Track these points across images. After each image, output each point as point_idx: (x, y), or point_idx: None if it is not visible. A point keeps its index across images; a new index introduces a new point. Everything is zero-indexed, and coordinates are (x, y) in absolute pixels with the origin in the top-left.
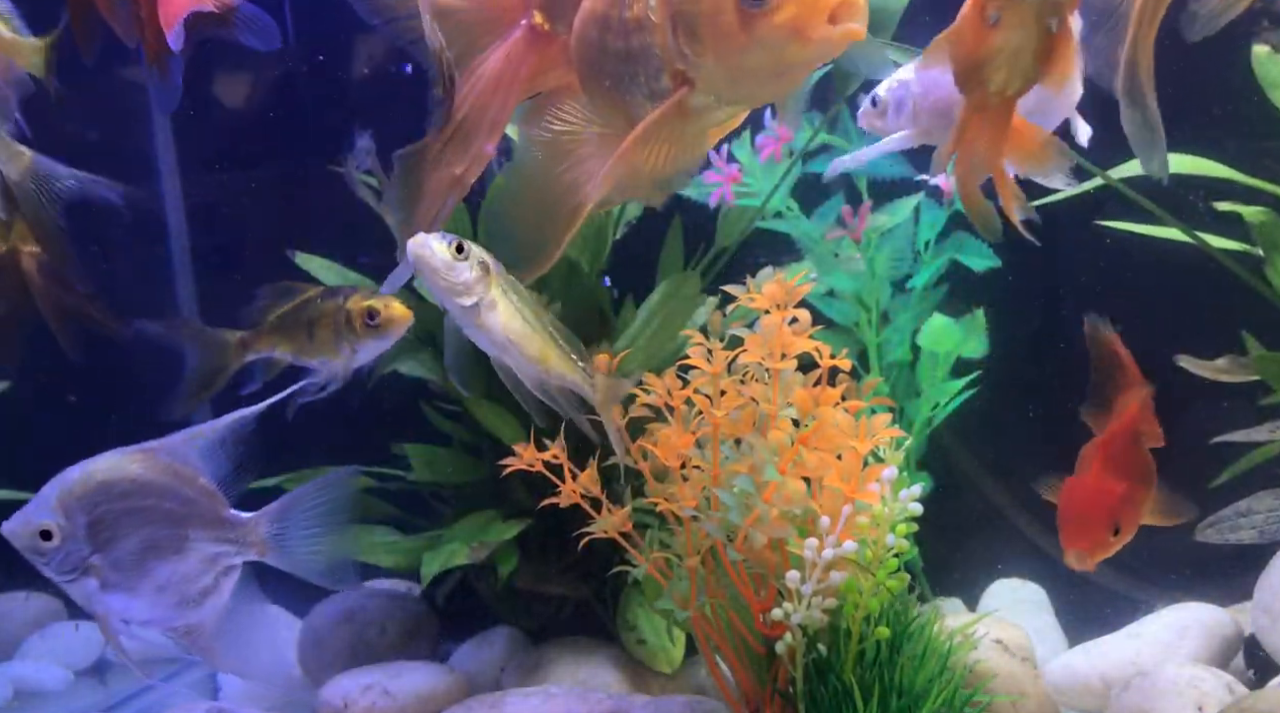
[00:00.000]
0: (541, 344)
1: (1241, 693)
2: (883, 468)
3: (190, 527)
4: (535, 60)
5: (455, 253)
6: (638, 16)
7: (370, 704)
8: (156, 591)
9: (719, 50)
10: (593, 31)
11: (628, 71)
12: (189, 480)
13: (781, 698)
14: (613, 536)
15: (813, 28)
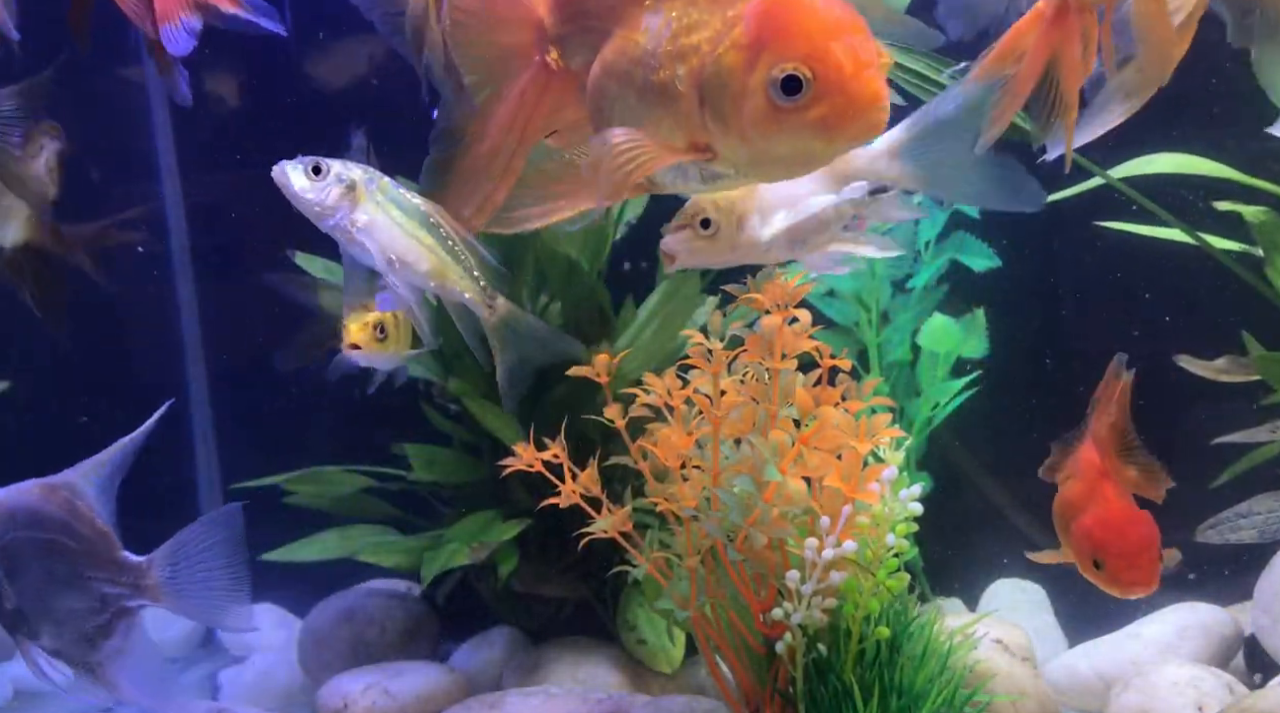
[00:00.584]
0: (435, 260)
1: (1241, 693)
2: (883, 468)
3: (86, 565)
4: (550, 100)
5: (312, 174)
6: (663, 81)
7: (370, 704)
8: (55, 623)
9: (745, 134)
10: (612, 85)
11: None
12: (85, 519)
13: (781, 698)
14: (613, 535)
15: (843, 127)
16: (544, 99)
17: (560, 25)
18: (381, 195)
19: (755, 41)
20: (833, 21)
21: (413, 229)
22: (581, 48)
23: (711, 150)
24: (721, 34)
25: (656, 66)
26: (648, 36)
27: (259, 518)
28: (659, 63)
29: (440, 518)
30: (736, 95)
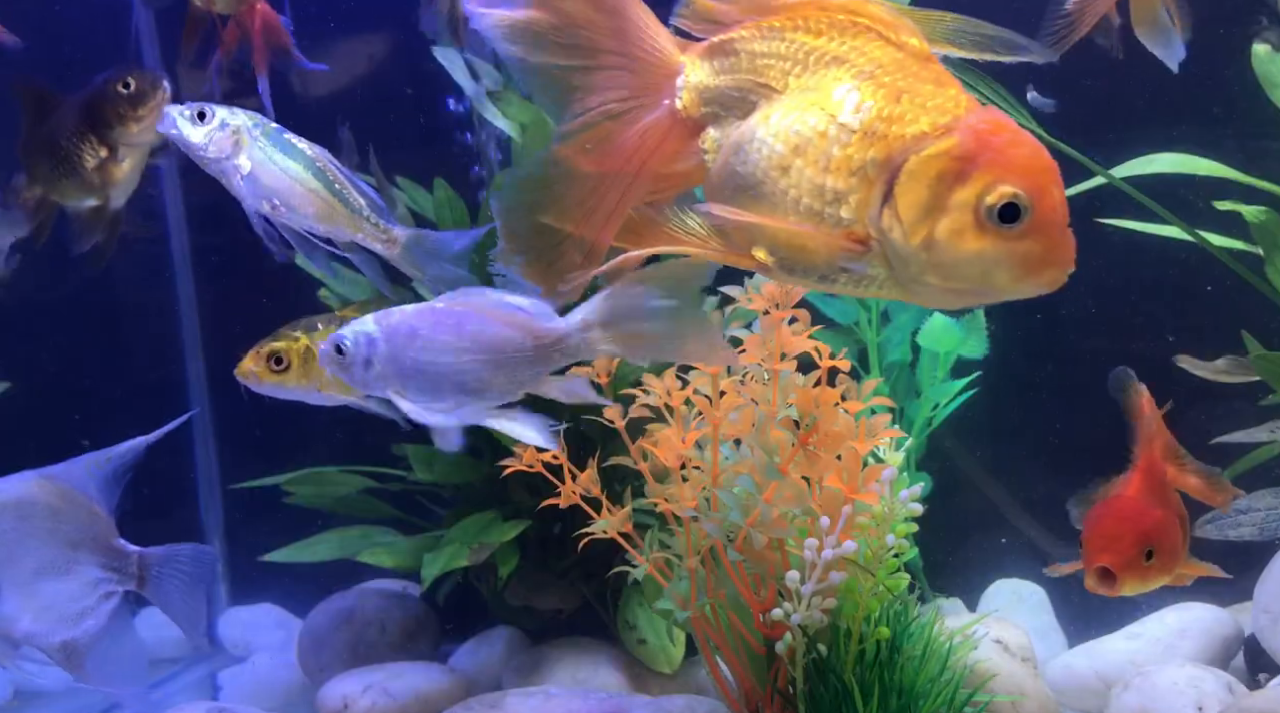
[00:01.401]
0: (321, 204)
1: (1241, 693)
2: (883, 468)
3: (81, 550)
4: (672, 147)
5: (196, 119)
6: (848, 161)
7: (370, 704)
8: (42, 607)
9: (930, 245)
10: (779, 149)
11: (792, 199)
12: (84, 506)
13: (781, 698)
14: (613, 536)
15: (1041, 270)
16: (666, 144)
17: (712, 75)
18: (265, 141)
19: (972, 157)
20: (1050, 162)
21: (298, 173)
22: (729, 102)
23: (868, 246)
24: (930, 137)
25: (845, 143)
26: (840, 109)
27: (259, 518)
28: (848, 141)
29: (440, 518)
30: (934, 204)
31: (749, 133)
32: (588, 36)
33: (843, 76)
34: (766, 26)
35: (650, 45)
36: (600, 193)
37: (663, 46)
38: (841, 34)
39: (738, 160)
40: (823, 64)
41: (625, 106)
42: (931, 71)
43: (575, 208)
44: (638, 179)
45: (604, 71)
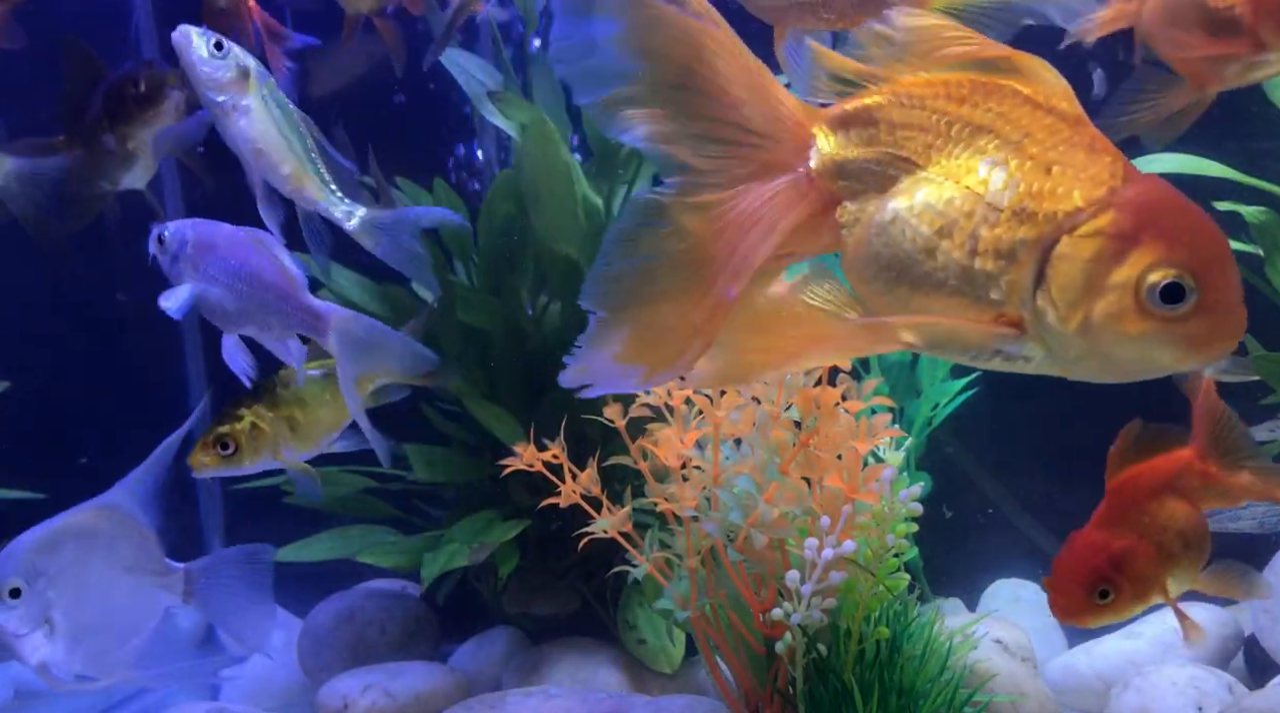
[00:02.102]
0: (297, 165)
1: (1241, 693)
2: (883, 468)
3: (135, 572)
4: (798, 217)
5: (214, 49)
6: (997, 242)
7: (370, 704)
8: (96, 636)
9: (1087, 329)
10: (922, 228)
11: (939, 280)
12: (136, 529)
13: (781, 698)
14: (613, 536)
15: (1208, 349)
16: (795, 216)
17: (847, 147)
18: (267, 90)
19: (1130, 234)
20: (1216, 233)
21: (286, 130)
22: (866, 176)
23: (1020, 326)
24: (1084, 213)
25: (992, 223)
26: (986, 186)
27: (259, 518)
28: (996, 221)
29: (440, 519)
30: (1091, 286)
31: (890, 212)
32: (710, 105)
33: (988, 148)
34: (904, 93)
35: (779, 113)
36: (719, 262)
37: (791, 114)
38: (985, 98)
39: (880, 241)
40: (966, 134)
41: (750, 175)
42: (1084, 136)
43: (691, 277)
44: (760, 249)
45: (726, 143)
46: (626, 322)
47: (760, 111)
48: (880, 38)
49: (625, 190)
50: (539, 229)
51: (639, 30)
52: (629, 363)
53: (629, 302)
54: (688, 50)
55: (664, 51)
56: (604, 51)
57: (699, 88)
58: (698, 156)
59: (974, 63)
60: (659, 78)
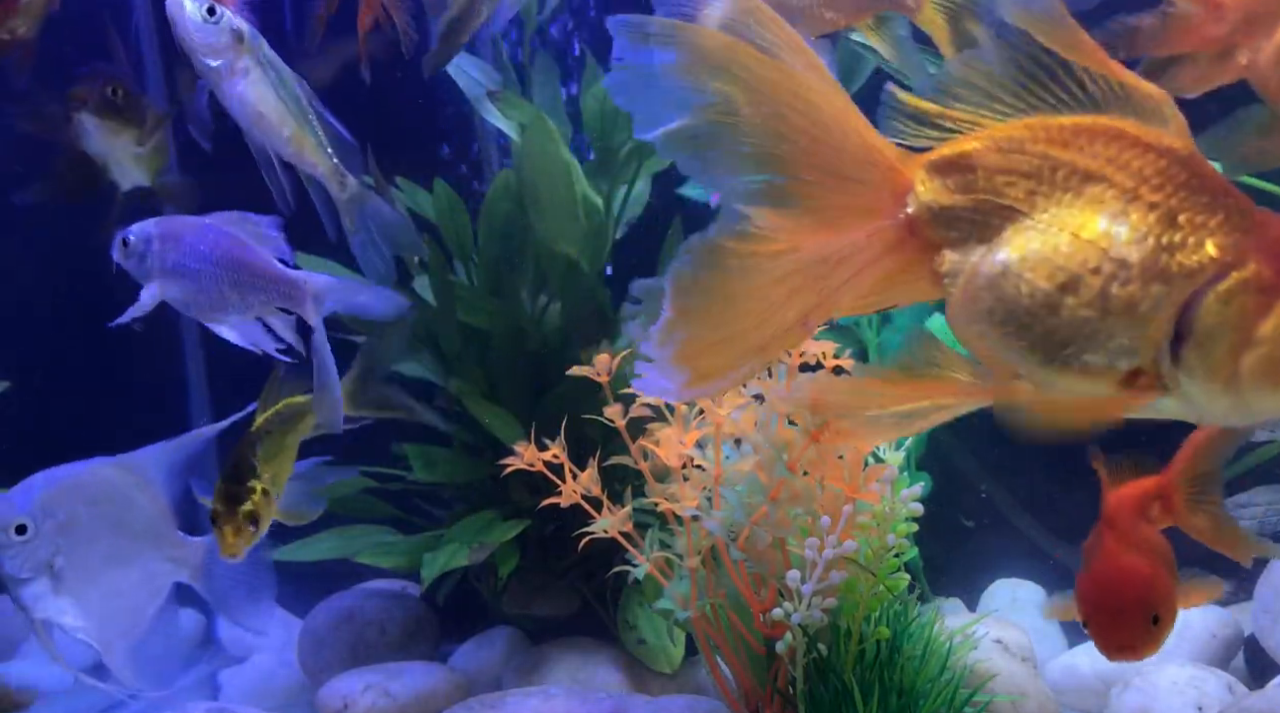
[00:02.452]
0: (295, 129)
1: (1241, 693)
2: (883, 468)
3: (144, 541)
4: (898, 264)
5: (206, 15)
6: (1129, 299)
7: (370, 704)
8: (100, 597)
9: (1236, 384)
10: (1041, 285)
11: (1063, 338)
12: (151, 497)
13: (781, 698)
14: (613, 535)
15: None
16: (888, 259)
17: (945, 193)
18: (262, 53)
19: (1273, 284)
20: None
21: (283, 92)
22: (967, 224)
23: (1163, 386)
24: (1218, 263)
25: (1123, 281)
26: (1109, 240)
27: None
28: (1127, 278)
29: (440, 519)
30: (1237, 341)
31: (1002, 266)
32: (800, 143)
33: (1103, 197)
34: (1002, 137)
35: (873, 156)
36: (802, 297)
37: (886, 157)
38: (1091, 142)
39: (992, 296)
40: (1076, 182)
41: (843, 216)
42: (1201, 177)
43: (769, 304)
44: (848, 291)
45: (819, 182)
46: (689, 325)
47: (854, 153)
48: (970, 70)
49: (625, 190)
50: (539, 229)
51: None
52: (679, 366)
53: (695, 307)
54: (776, 87)
55: (749, 88)
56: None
57: (787, 125)
58: (789, 192)
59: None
60: (734, 114)
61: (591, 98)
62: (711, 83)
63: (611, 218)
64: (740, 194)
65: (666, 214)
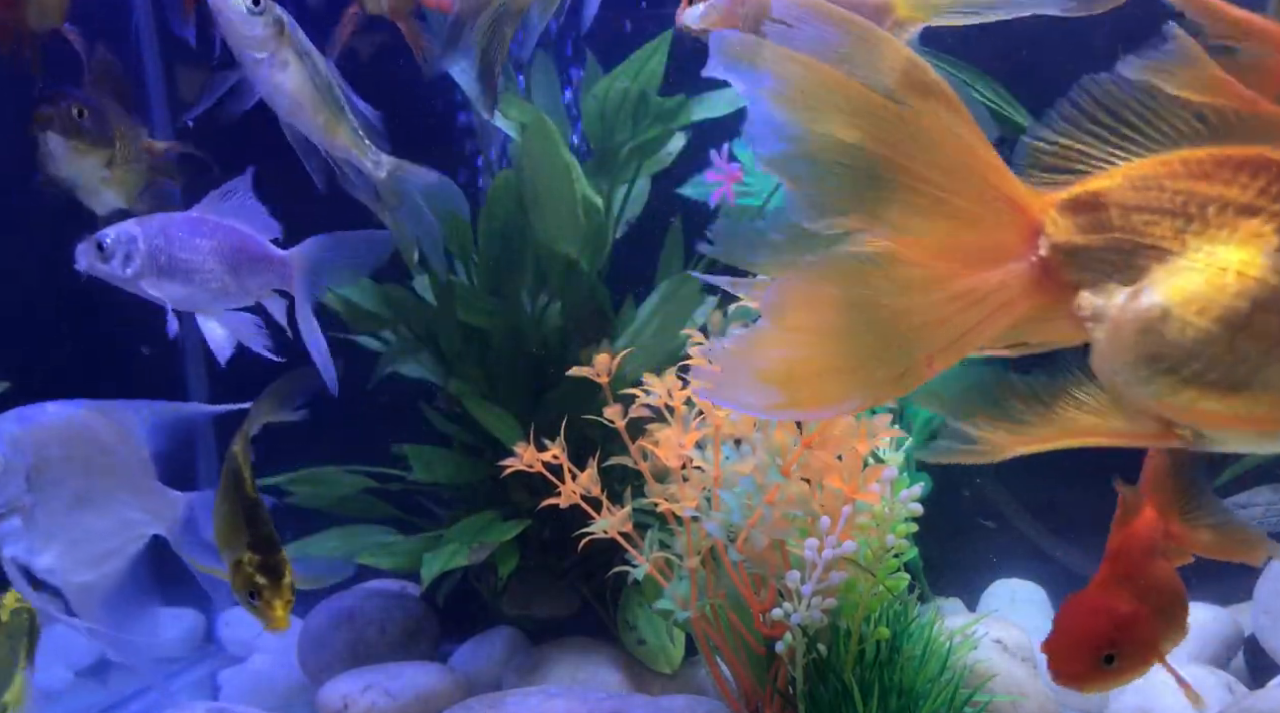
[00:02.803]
0: (330, 116)
1: (1241, 693)
2: (883, 468)
3: (120, 488)
4: (1034, 307)
5: (252, 6)
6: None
7: (370, 704)
8: (71, 542)
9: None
10: (1207, 327)
11: (1240, 379)
12: (129, 444)
13: (781, 698)
14: (613, 536)
15: None
16: (1025, 303)
17: (1079, 233)
18: (300, 43)
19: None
20: None
21: (319, 80)
22: (1106, 265)
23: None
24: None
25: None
26: (1277, 277)
27: None
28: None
29: (440, 518)
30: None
31: (1161, 310)
32: (936, 186)
33: (1264, 232)
34: (1135, 175)
35: (1002, 194)
36: (930, 339)
37: (1017, 197)
38: (1237, 174)
39: (1150, 340)
40: (1229, 216)
41: (973, 256)
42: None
43: (892, 343)
44: (981, 334)
45: (947, 219)
46: (792, 345)
47: (983, 192)
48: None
49: (625, 190)
50: (539, 229)
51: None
52: (770, 385)
53: (804, 328)
54: (891, 124)
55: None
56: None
57: (912, 162)
58: (916, 230)
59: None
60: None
61: (591, 98)
62: (817, 118)
63: (611, 218)
64: (861, 222)
65: (666, 214)
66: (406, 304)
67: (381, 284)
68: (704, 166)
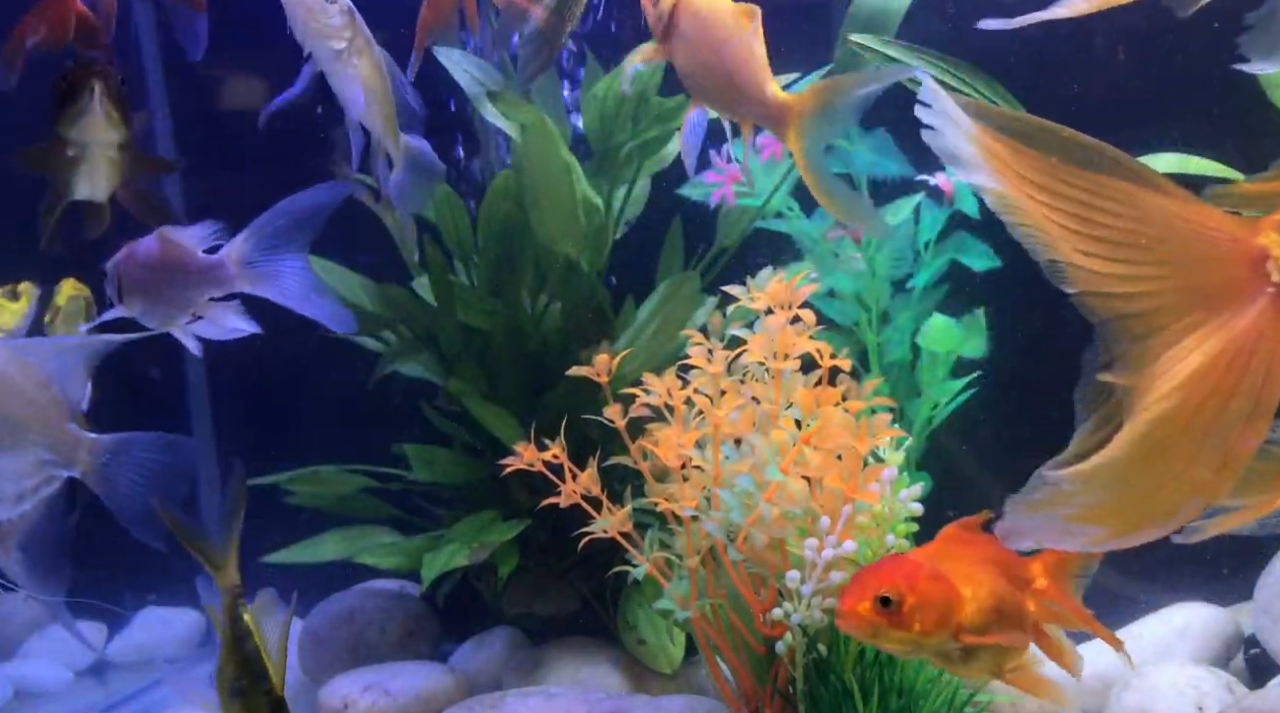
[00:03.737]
0: (389, 106)
1: (1241, 693)
2: (883, 468)
3: (30, 428)
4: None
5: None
6: None
7: (370, 704)
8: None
9: None
10: None
11: None
12: (40, 383)
13: (781, 698)
14: (613, 535)
15: None
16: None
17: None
18: (365, 30)
19: None
20: None
21: (382, 68)
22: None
23: None
24: None
25: None
26: None
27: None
28: None
29: (440, 519)
30: None
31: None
32: (1133, 232)
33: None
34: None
35: (1213, 230)
36: (1221, 410)
37: (1228, 230)
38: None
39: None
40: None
41: (1203, 303)
42: None
43: (1180, 432)
44: (1270, 384)
45: (1164, 281)
46: (1091, 489)
47: (1189, 232)
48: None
49: (625, 190)
50: (539, 229)
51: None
52: (1086, 524)
53: (1101, 465)
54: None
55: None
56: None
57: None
58: (1136, 314)
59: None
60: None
61: (592, 98)
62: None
63: (611, 218)
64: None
65: (666, 214)
66: (406, 304)
67: (381, 284)
68: (704, 166)
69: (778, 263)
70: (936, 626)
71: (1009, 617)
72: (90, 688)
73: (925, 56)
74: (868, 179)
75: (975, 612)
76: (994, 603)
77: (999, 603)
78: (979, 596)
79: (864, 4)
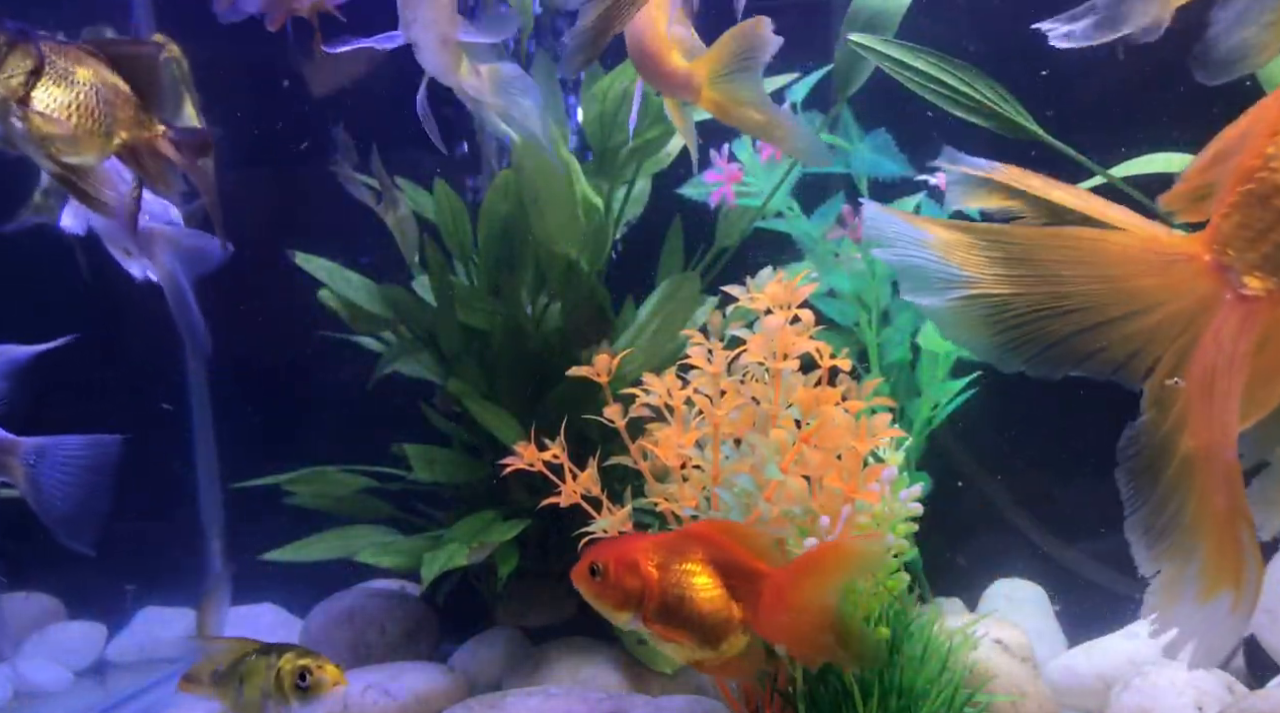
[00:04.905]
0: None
1: (1241, 693)
2: (883, 468)
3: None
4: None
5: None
6: None
7: (370, 704)
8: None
9: None
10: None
11: None
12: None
13: (781, 698)
14: (613, 535)
15: None
16: (1245, 339)
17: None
18: None
19: None
20: None
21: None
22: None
23: None
24: None
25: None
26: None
27: (259, 518)
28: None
29: (440, 519)
30: None
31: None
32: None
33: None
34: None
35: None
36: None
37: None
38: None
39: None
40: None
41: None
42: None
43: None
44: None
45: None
46: (1186, 559)
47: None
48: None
49: (625, 190)
50: (539, 229)
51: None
52: (1213, 598)
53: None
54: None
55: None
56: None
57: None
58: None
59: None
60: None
61: (591, 98)
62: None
63: (611, 218)
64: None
65: (666, 214)
66: (406, 304)
67: (381, 284)
68: (704, 166)
69: (778, 263)
70: (620, 605)
71: (702, 617)
72: (90, 688)
73: (925, 57)
74: (868, 179)
75: (657, 607)
76: (679, 603)
77: (687, 603)
78: (678, 587)
79: (864, 4)
